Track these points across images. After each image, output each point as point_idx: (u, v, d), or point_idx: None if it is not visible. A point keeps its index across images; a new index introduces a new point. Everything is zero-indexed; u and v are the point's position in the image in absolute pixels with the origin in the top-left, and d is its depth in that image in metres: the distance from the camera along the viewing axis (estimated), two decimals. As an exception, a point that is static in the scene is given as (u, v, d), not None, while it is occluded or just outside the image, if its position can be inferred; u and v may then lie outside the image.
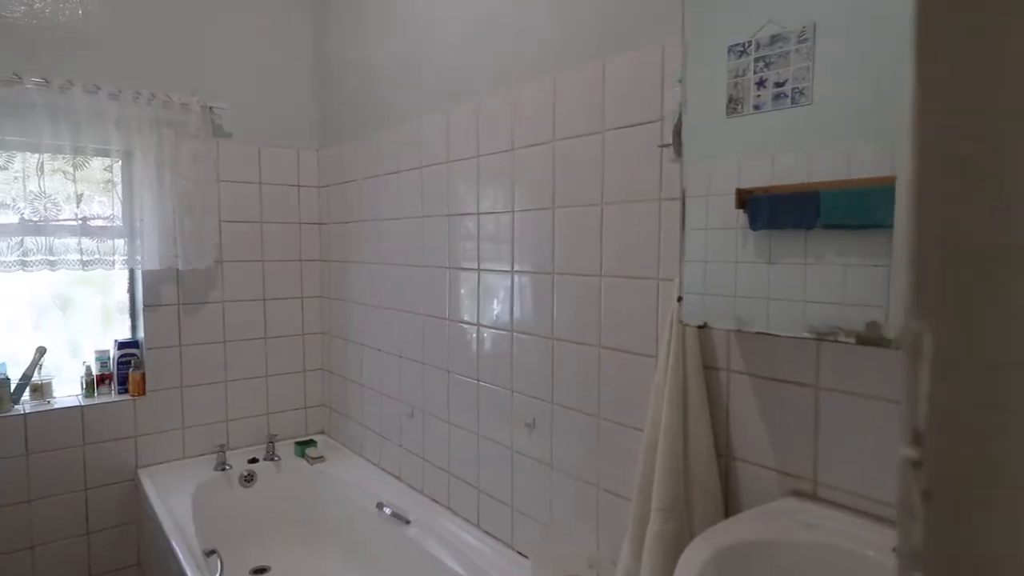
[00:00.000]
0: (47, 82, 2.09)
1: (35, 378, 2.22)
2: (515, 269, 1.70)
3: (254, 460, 2.49)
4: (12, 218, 2.09)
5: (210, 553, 1.84)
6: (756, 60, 1.03)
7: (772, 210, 1.02)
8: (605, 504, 1.47)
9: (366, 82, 2.39)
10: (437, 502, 2.05)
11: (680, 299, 1.12)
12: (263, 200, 2.63)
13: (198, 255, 2.37)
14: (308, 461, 2.51)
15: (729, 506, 1.21)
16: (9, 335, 2.25)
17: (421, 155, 2.06)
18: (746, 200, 1.05)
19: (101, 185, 2.29)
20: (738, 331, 1.05)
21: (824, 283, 0.96)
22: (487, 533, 1.84)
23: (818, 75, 0.95)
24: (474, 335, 1.86)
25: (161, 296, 2.39)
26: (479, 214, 1.83)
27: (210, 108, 2.42)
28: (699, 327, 1.12)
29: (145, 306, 2.37)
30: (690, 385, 1.20)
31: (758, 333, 1.02)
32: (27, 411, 2.15)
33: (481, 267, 1.83)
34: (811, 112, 0.96)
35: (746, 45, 1.04)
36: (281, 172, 2.67)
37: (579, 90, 1.49)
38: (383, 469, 2.37)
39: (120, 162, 2.32)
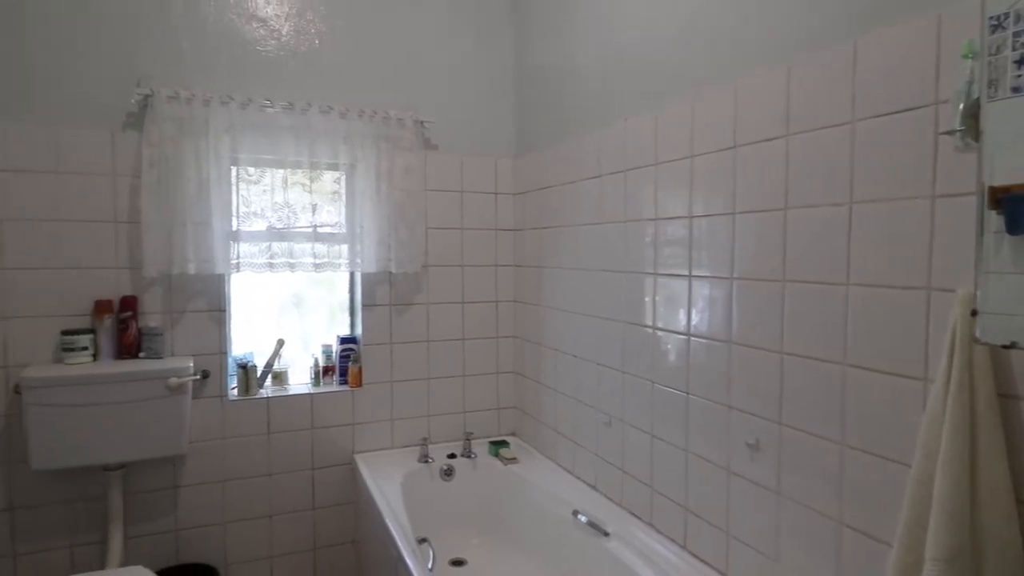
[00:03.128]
0: (291, 105, 2.37)
1: (275, 367, 2.52)
2: (735, 276, 1.58)
3: (452, 455, 2.61)
4: (261, 226, 2.40)
5: (422, 541, 1.94)
6: (1016, 35, 0.86)
7: (1040, 211, 0.84)
8: (850, 543, 1.29)
9: (566, 88, 2.40)
10: (637, 517, 1.98)
11: (975, 313, 0.94)
12: (463, 207, 2.75)
13: (409, 259, 2.55)
14: (502, 461, 2.57)
15: (1033, 566, 0.99)
16: (256, 329, 2.57)
17: (626, 158, 2.01)
18: (1001, 199, 0.88)
19: (330, 196, 2.55)
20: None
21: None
22: (695, 556, 1.72)
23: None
24: (683, 345, 1.77)
25: (376, 297, 2.60)
26: (691, 217, 1.73)
27: (421, 122, 2.59)
28: (1004, 347, 0.93)
29: (363, 305, 2.59)
30: (980, 416, 1.01)
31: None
32: (269, 395, 2.45)
33: (693, 274, 1.73)
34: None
35: (1002, 18, 0.88)
36: (480, 180, 2.78)
37: (820, 78, 1.34)
38: (577, 476, 2.35)
39: (344, 175, 2.57)
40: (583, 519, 2.05)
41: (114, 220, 2.20)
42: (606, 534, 1.95)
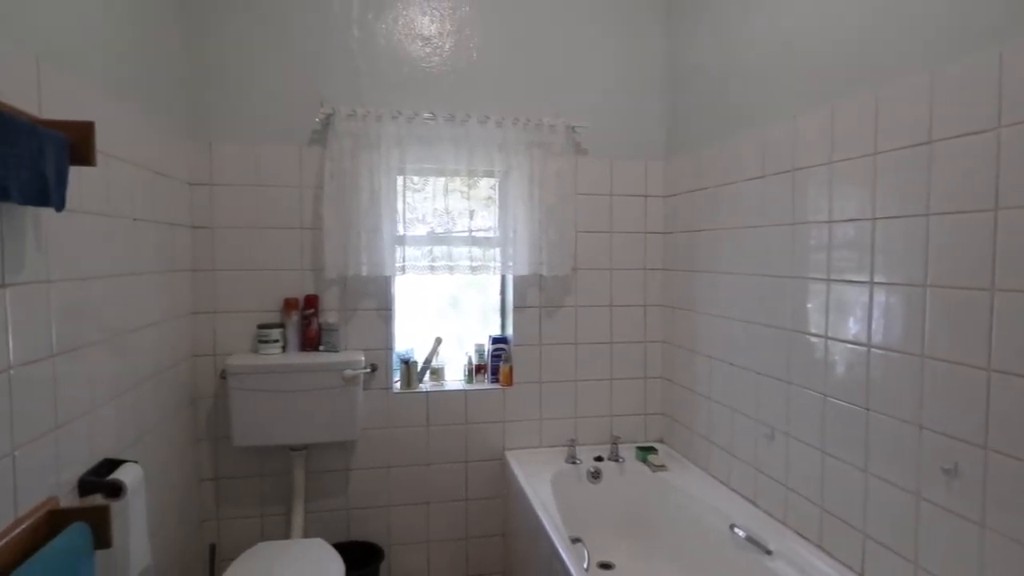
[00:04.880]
0: (452, 117, 2.50)
1: (433, 363, 2.68)
2: (928, 283, 1.45)
3: (599, 458, 2.62)
4: (423, 231, 2.56)
5: (575, 540, 1.97)
6: None
7: None
8: (1079, 590, 1.14)
9: (722, 87, 2.32)
10: (804, 537, 1.87)
11: None
12: (612, 211, 2.75)
13: (559, 263, 2.59)
14: (650, 468, 2.54)
15: None
16: (416, 327, 2.75)
17: (795, 157, 1.90)
18: None
19: (484, 201, 2.67)
20: None
21: None
22: (874, 586, 1.60)
23: None
24: (862, 357, 1.64)
25: (526, 298, 2.68)
26: (873, 219, 1.61)
27: (572, 128, 2.63)
28: None
29: (514, 307, 2.68)
30: None
31: None
32: (427, 390, 2.61)
33: (874, 280, 1.60)
34: None
35: None
36: (629, 183, 2.76)
37: (1046, 62, 1.19)
38: (732, 489, 2.26)
39: (499, 181, 2.67)
40: (741, 534, 1.97)
41: (300, 227, 2.46)
42: (768, 552, 1.86)
